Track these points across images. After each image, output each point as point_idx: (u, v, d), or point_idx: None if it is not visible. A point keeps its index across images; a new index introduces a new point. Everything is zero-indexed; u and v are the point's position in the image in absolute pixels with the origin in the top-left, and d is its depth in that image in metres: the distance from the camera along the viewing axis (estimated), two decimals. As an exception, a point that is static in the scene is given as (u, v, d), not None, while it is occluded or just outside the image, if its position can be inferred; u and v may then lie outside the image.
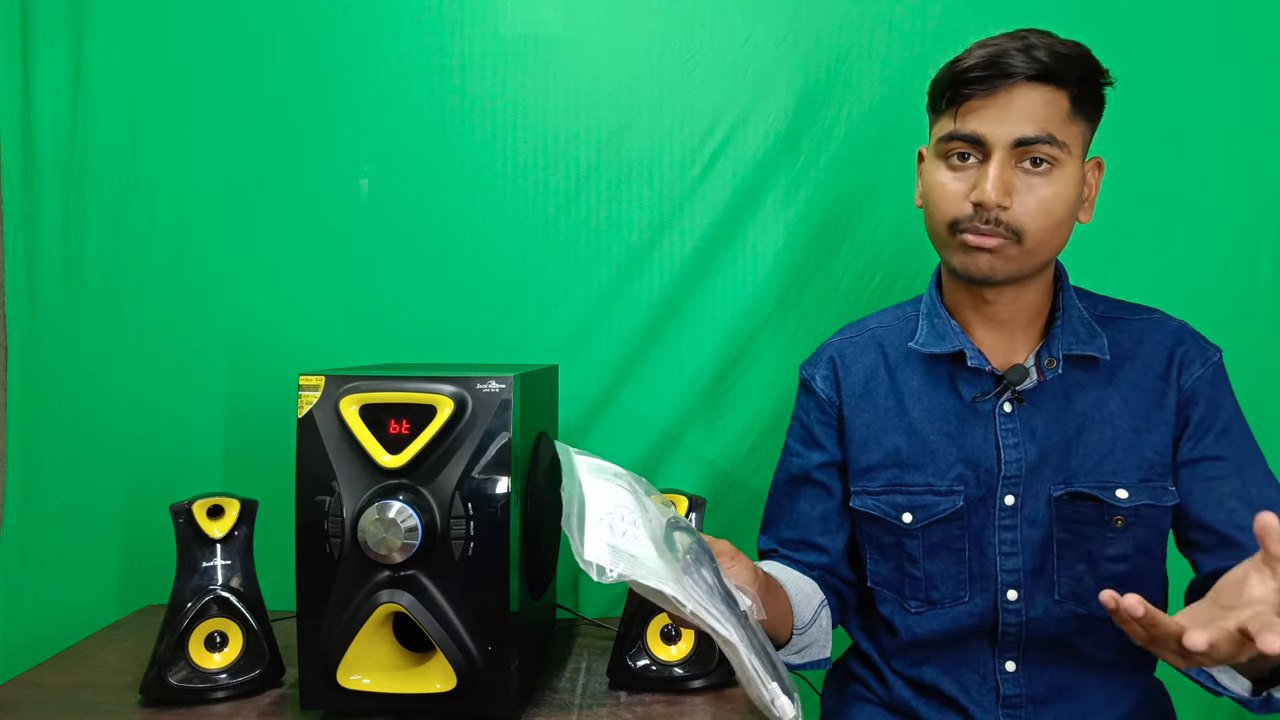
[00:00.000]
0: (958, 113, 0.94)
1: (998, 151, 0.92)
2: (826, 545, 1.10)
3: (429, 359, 1.37)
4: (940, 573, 1.02)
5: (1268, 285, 1.35)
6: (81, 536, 1.40)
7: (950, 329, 1.02)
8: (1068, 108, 0.92)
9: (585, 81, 1.38)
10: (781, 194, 1.38)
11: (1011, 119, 0.91)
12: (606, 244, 1.39)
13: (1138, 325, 1.02)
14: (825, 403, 1.09)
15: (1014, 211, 0.92)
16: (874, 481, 1.05)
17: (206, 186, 1.39)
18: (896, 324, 1.09)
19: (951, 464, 1.01)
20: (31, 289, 1.38)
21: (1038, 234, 0.93)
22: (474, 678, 0.95)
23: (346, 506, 0.94)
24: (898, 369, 1.06)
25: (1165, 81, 1.34)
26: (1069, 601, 0.99)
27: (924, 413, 1.03)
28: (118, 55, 1.37)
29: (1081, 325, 1.00)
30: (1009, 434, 1.00)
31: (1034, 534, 0.99)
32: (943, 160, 0.97)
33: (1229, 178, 1.35)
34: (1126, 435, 0.98)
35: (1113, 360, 0.99)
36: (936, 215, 0.97)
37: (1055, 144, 0.91)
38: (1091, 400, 0.99)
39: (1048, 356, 0.99)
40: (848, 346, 1.11)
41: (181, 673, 1.03)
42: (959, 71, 0.93)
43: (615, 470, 0.85)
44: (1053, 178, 0.92)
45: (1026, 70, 0.90)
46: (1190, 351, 0.99)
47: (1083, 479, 0.98)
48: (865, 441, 1.06)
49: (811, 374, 1.12)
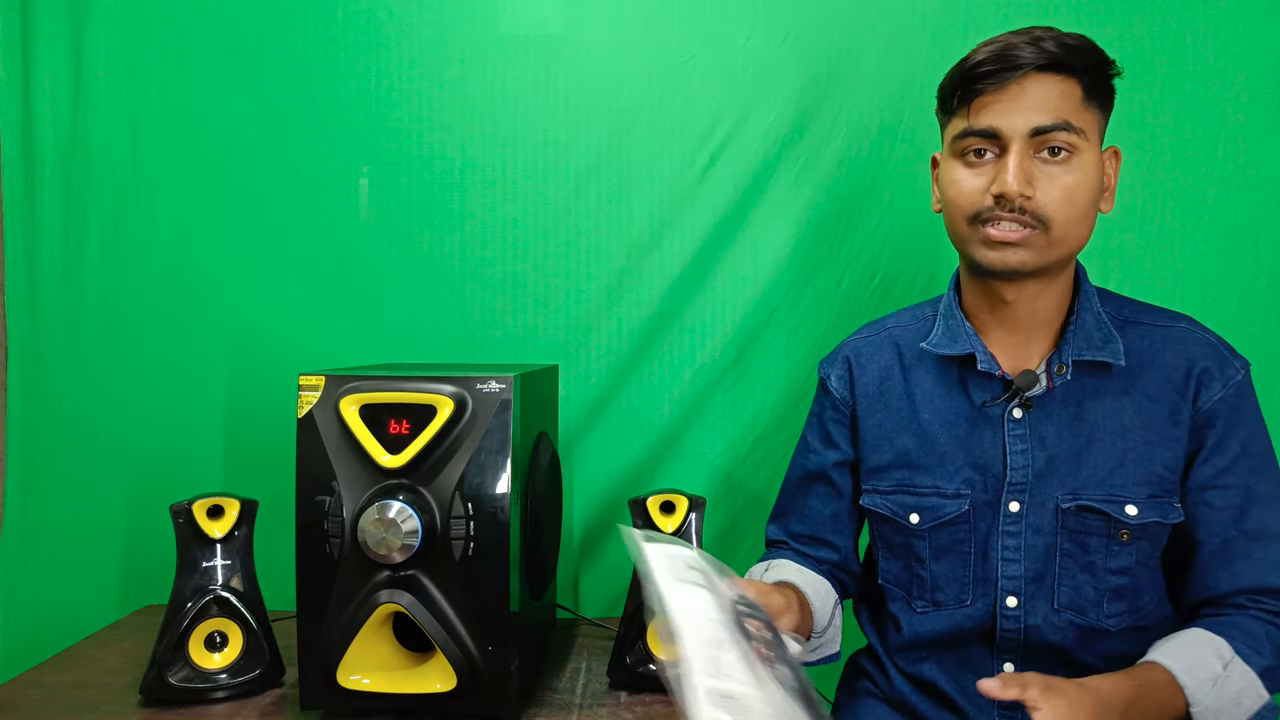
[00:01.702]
0: (970, 109, 0.94)
1: (1015, 143, 0.91)
2: (837, 543, 1.11)
3: (429, 359, 1.37)
4: (946, 575, 1.02)
5: (1268, 285, 1.35)
6: (81, 536, 1.40)
7: (964, 331, 1.01)
8: (1080, 95, 0.92)
9: (585, 81, 1.38)
10: (781, 194, 1.38)
11: (1025, 109, 0.91)
12: (606, 244, 1.39)
13: (1162, 333, 0.98)
14: (839, 402, 1.10)
15: (1038, 201, 0.91)
16: (884, 481, 1.06)
17: (206, 186, 1.39)
18: (914, 324, 1.09)
19: (959, 467, 1.01)
20: (31, 289, 1.38)
21: (1064, 223, 0.91)
22: (474, 678, 0.95)
23: (346, 506, 0.94)
24: (912, 370, 1.06)
25: (1166, 81, 1.34)
26: (1068, 611, 0.98)
27: (935, 415, 1.03)
28: (118, 55, 1.38)
29: (1096, 330, 0.97)
30: (1017, 440, 0.99)
31: (1038, 542, 0.98)
32: (959, 159, 0.96)
33: (1230, 177, 1.34)
34: (1138, 448, 0.96)
35: (1130, 367, 0.97)
36: (956, 213, 0.96)
37: (1072, 130, 0.90)
38: (1105, 409, 0.97)
39: (1058, 363, 0.97)
40: (864, 346, 1.11)
41: (181, 673, 1.03)
42: (968, 68, 0.93)
43: (686, 558, 0.82)
44: (1073, 165, 0.91)
45: (1036, 60, 0.90)
46: (1211, 370, 0.95)
47: (1091, 491, 0.96)
48: (877, 441, 1.06)
49: (828, 372, 1.12)
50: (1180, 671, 0.86)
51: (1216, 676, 0.86)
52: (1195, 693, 0.85)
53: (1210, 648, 0.88)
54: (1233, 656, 0.88)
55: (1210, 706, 0.85)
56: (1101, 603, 0.97)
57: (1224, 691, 0.86)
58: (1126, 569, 0.96)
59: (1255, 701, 0.88)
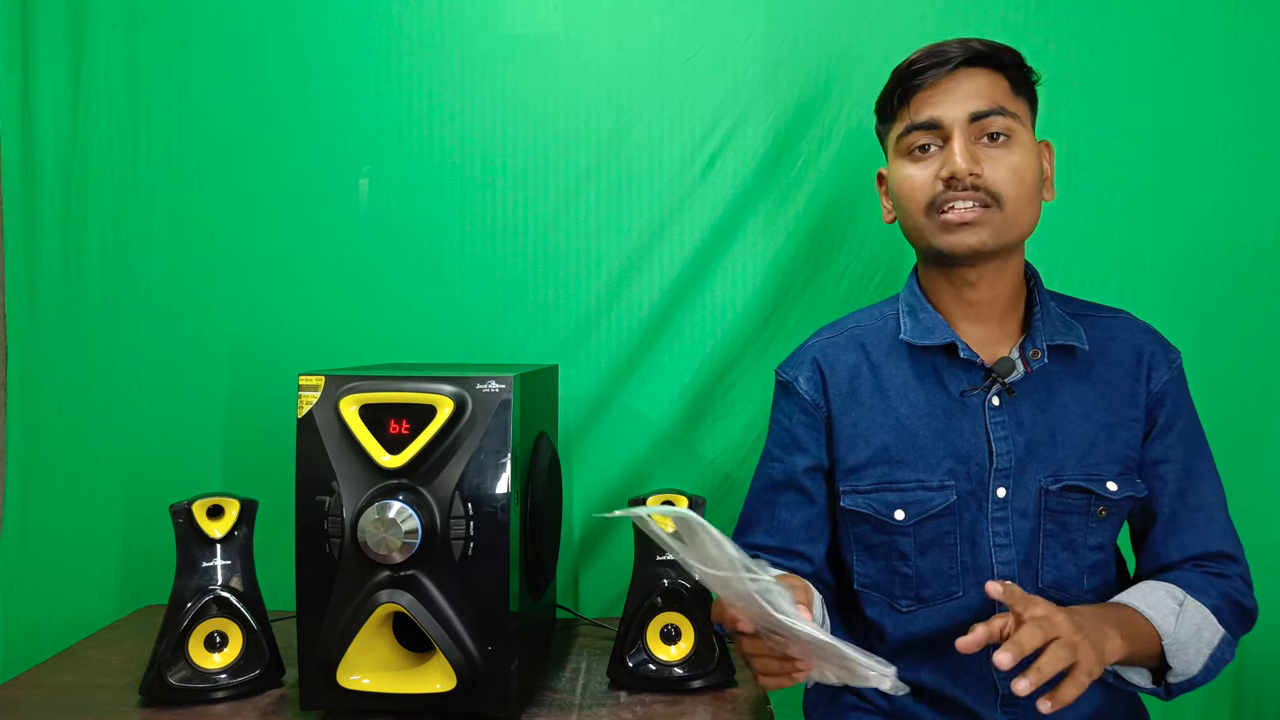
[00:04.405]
0: (910, 106, 1.00)
1: (956, 129, 0.97)
2: (810, 554, 1.09)
3: (429, 359, 1.37)
4: (931, 569, 1.03)
5: (1268, 285, 1.35)
6: (81, 536, 1.40)
7: (938, 323, 1.03)
8: (1009, 86, 0.99)
9: (585, 81, 1.38)
10: (782, 194, 1.38)
11: (961, 98, 0.98)
12: (606, 244, 1.39)
13: (1107, 323, 1.05)
14: (810, 405, 1.08)
15: (988, 178, 0.96)
16: (863, 480, 1.05)
17: (206, 186, 1.39)
18: (876, 323, 1.10)
19: (941, 459, 1.02)
20: (31, 289, 1.38)
21: (1015, 199, 0.97)
22: (474, 678, 0.95)
23: (346, 506, 0.94)
24: (881, 366, 1.06)
25: (1165, 81, 1.34)
26: (1051, 590, 1.00)
27: (911, 409, 1.04)
28: (118, 55, 1.38)
29: (1058, 318, 1.03)
30: (999, 426, 1.01)
31: (1024, 525, 1.01)
32: (905, 157, 1.02)
33: (1229, 177, 1.34)
34: (1104, 429, 1.01)
35: (1090, 353, 1.03)
36: (912, 206, 1.01)
37: (1008, 115, 0.98)
38: (1071, 392, 1.02)
39: (1032, 348, 1.01)
40: (829, 347, 1.10)
41: (181, 673, 1.03)
42: (903, 70, 1.00)
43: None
44: (1013, 147, 0.98)
45: (964, 54, 0.98)
46: (1156, 354, 1.03)
47: (1071, 471, 1.00)
48: (853, 440, 1.06)
49: (794, 376, 1.10)
50: (1145, 608, 0.93)
51: (1176, 612, 0.93)
52: (1162, 625, 0.92)
53: (1164, 590, 0.96)
54: (1185, 595, 0.95)
55: (1178, 639, 0.92)
56: (1081, 579, 1.01)
57: (1185, 624, 0.93)
58: (1102, 545, 1.02)
59: (1213, 635, 0.94)
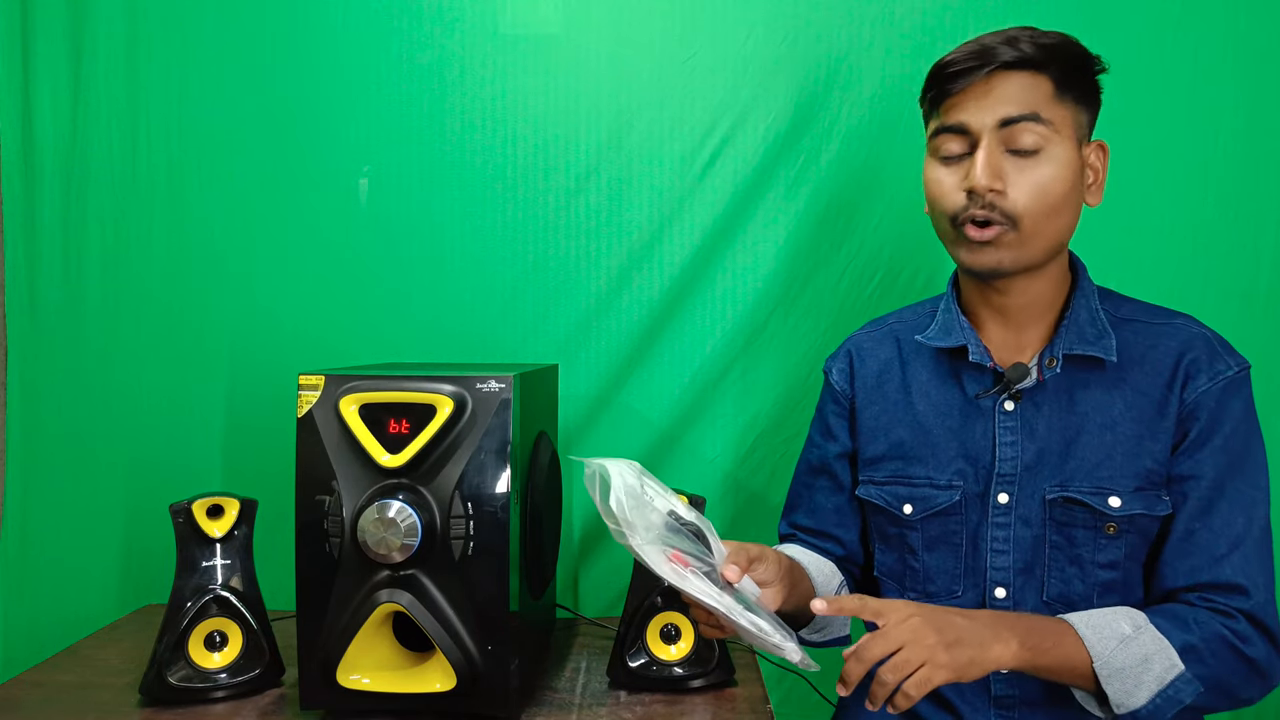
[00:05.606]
0: (943, 108, 0.97)
1: (984, 137, 0.93)
2: (842, 537, 1.13)
3: (429, 359, 1.37)
4: (937, 566, 1.03)
5: (1268, 285, 1.35)
6: (81, 536, 1.40)
7: (958, 324, 1.03)
8: (1052, 90, 0.93)
9: (585, 81, 1.38)
10: (781, 193, 1.38)
11: (993, 104, 0.93)
12: (606, 244, 1.39)
13: (1157, 329, 0.99)
14: (840, 394, 1.13)
15: (1008, 196, 0.92)
16: (879, 472, 1.08)
17: (206, 186, 1.39)
18: (914, 319, 1.11)
19: (951, 458, 1.02)
20: (31, 289, 1.38)
21: (1034, 219, 0.93)
22: (474, 677, 0.95)
23: (346, 506, 0.94)
24: (909, 363, 1.08)
25: (1165, 80, 1.33)
26: (1057, 604, 0.98)
27: (929, 407, 1.05)
28: (118, 55, 1.37)
29: (1090, 325, 0.98)
30: (1007, 432, 1.00)
31: (1026, 533, 0.99)
32: (935, 158, 0.99)
33: (1229, 177, 1.34)
34: (1127, 441, 0.96)
35: (1121, 363, 0.97)
36: (939, 212, 0.99)
37: (1041, 122, 0.92)
38: (1095, 402, 0.98)
39: (1049, 356, 0.99)
40: (866, 340, 1.14)
41: (181, 672, 1.03)
42: (941, 67, 0.96)
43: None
44: (1044, 159, 0.92)
45: (1005, 56, 0.92)
46: (1199, 362, 0.96)
47: (1078, 483, 0.97)
48: (873, 432, 1.09)
49: (830, 366, 1.15)
50: (1082, 625, 0.89)
51: (1123, 637, 0.87)
52: (1096, 646, 0.87)
53: (1124, 615, 0.90)
54: (1146, 624, 0.89)
55: (1111, 662, 0.86)
56: (1092, 597, 0.97)
57: (1129, 651, 0.87)
58: (1115, 563, 0.97)
59: (1165, 670, 0.87)
